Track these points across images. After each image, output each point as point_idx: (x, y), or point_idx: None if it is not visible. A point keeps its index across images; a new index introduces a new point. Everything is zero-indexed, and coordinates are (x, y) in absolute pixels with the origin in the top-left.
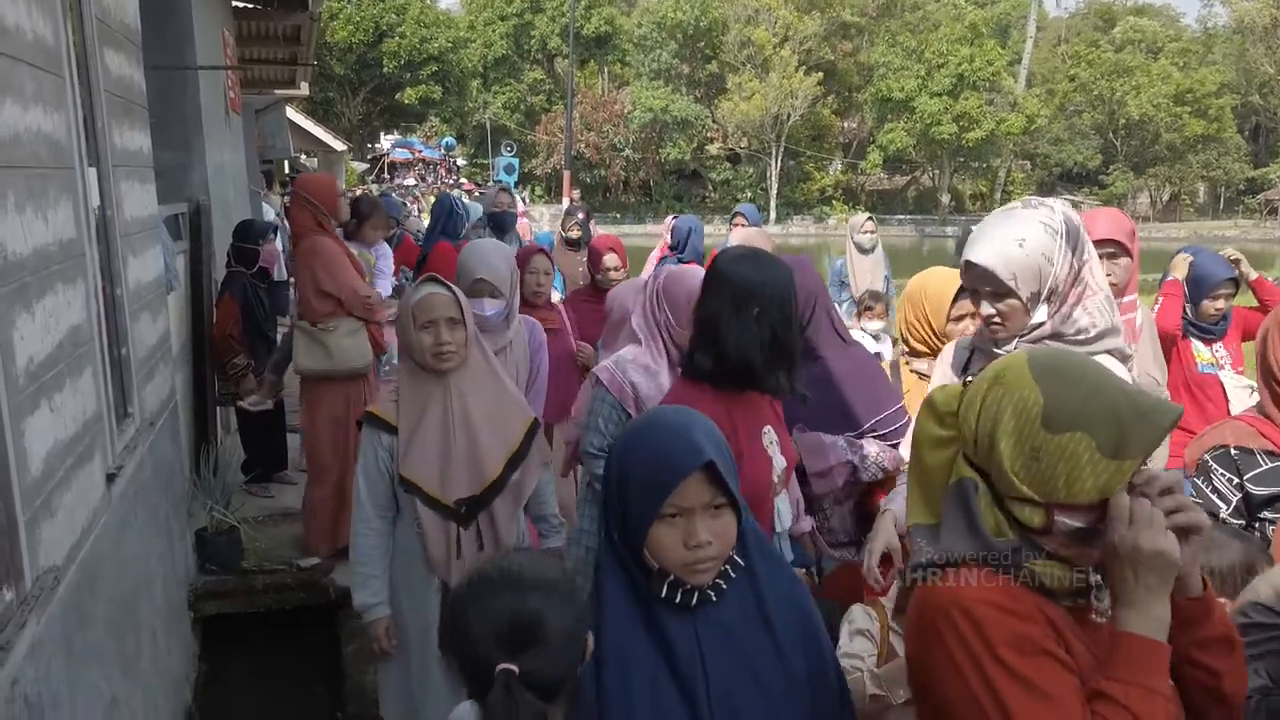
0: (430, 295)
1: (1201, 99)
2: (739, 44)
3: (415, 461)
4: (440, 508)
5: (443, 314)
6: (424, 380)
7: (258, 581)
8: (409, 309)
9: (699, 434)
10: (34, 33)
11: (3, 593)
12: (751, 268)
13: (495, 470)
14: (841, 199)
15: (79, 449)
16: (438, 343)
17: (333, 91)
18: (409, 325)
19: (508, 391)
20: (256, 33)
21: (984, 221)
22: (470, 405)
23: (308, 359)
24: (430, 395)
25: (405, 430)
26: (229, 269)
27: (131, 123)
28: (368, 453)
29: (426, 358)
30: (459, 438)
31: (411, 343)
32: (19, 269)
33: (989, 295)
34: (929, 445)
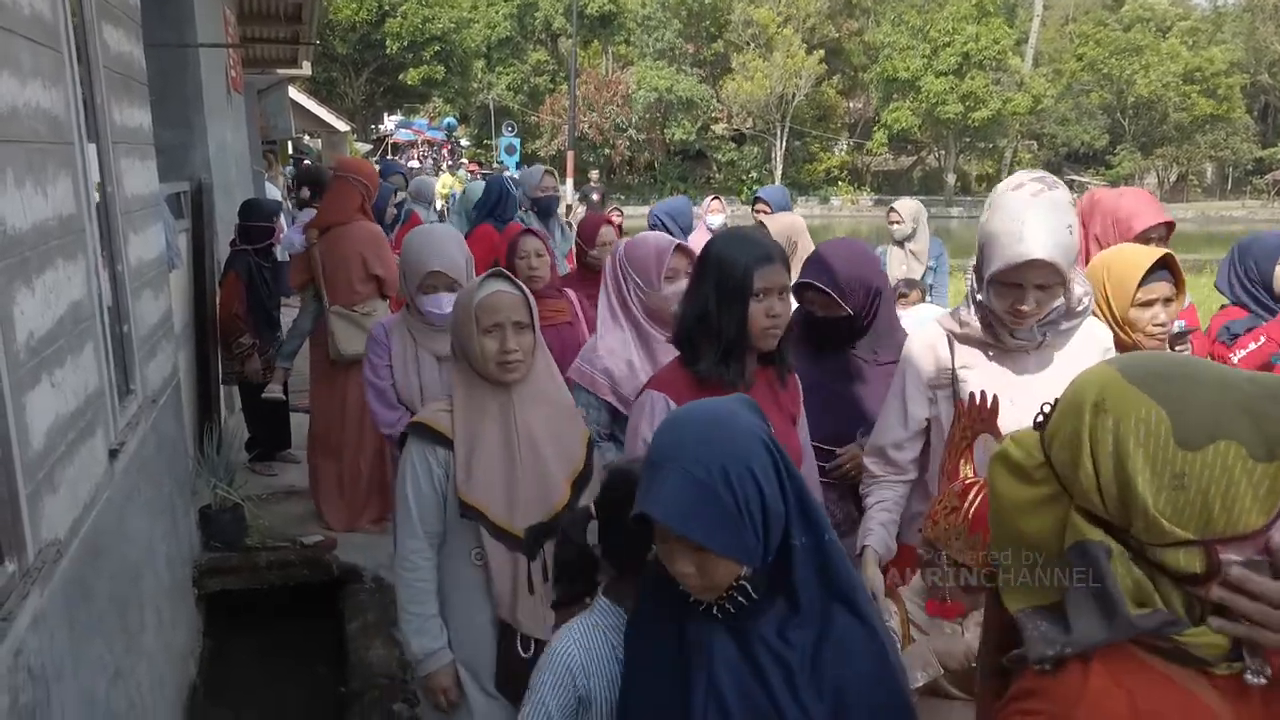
0: (496, 294)
1: (1210, 78)
2: (743, 23)
3: (478, 484)
4: (507, 537)
5: (510, 316)
6: (482, 390)
7: (261, 558)
8: (470, 308)
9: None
10: (31, 6)
11: (5, 564)
12: (719, 241)
13: (563, 494)
14: (847, 180)
15: (81, 424)
16: (504, 350)
17: (336, 71)
18: (469, 327)
19: (567, 403)
20: (258, 10)
21: (1020, 212)
22: (534, 420)
23: (350, 344)
24: (490, 408)
25: (463, 446)
26: (234, 247)
27: (131, 100)
28: (419, 469)
29: (490, 366)
30: (525, 457)
31: (471, 348)
32: (18, 244)
33: (1040, 289)
34: (1024, 510)
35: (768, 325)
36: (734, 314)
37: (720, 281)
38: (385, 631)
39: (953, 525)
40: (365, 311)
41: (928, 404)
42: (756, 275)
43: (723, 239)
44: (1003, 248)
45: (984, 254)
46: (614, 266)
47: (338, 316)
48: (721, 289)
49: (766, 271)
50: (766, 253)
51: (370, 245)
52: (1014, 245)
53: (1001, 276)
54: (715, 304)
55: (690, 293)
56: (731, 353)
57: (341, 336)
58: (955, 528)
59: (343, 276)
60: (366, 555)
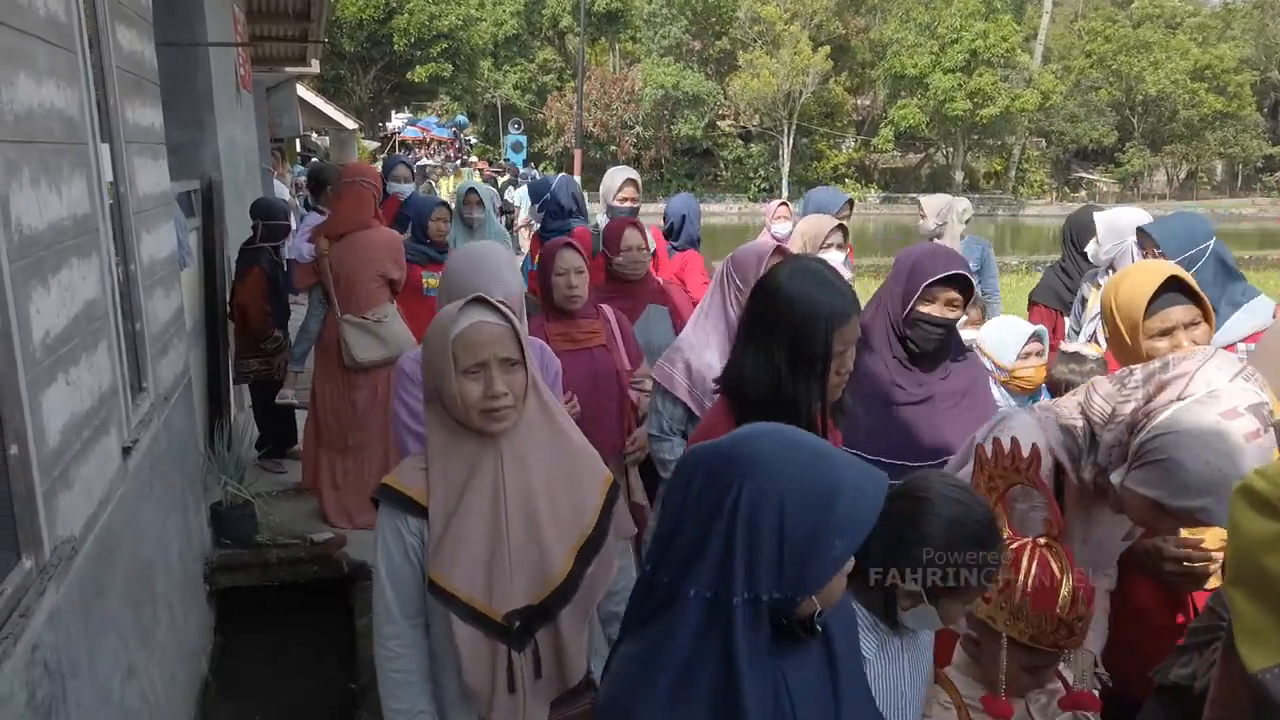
0: (478, 326)
1: (1220, 75)
2: (750, 20)
3: (452, 559)
4: (485, 623)
5: (496, 353)
6: (464, 442)
7: (272, 555)
8: (445, 344)
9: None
10: (46, 8)
11: (23, 561)
12: (789, 283)
13: (563, 566)
14: (854, 177)
15: (95, 422)
16: (489, 394)
17: (343, 69)
18: (445, 368)
19: (575, 446)
20: (267, 9)
21: (1226, 469)
22: (530, 477)
23: (366, 351)
24: (474, 464)
25: (439, 513)
26: (254, 245)
27: (143, 99)
28: (390, 542)
29: (472, 415)
30: (515, 525)
31: (448, 390)
32: (34, 243)
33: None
34: (1270, 547)
35: (837, 384)
36: (812, 386)
37: (796, 344)
38: None
39: (1008, 601)
40: (377, 318)
41: None
42: (837, 336)
43: (795, 279)
44: (1187, 491)
45: (1154, 469)
46: (722, 270)
47: (350, 325)
48: (798, 354)
49: (846, 330)
50: (847, 306)
51: (387, 251)
52: (1203, 499)
53: (1168, 508)
54: (790, 371)
55: (752, 342)
56: (809, 424)
57: (355, 344)
58: (1012, 604)
59: (358, 284)
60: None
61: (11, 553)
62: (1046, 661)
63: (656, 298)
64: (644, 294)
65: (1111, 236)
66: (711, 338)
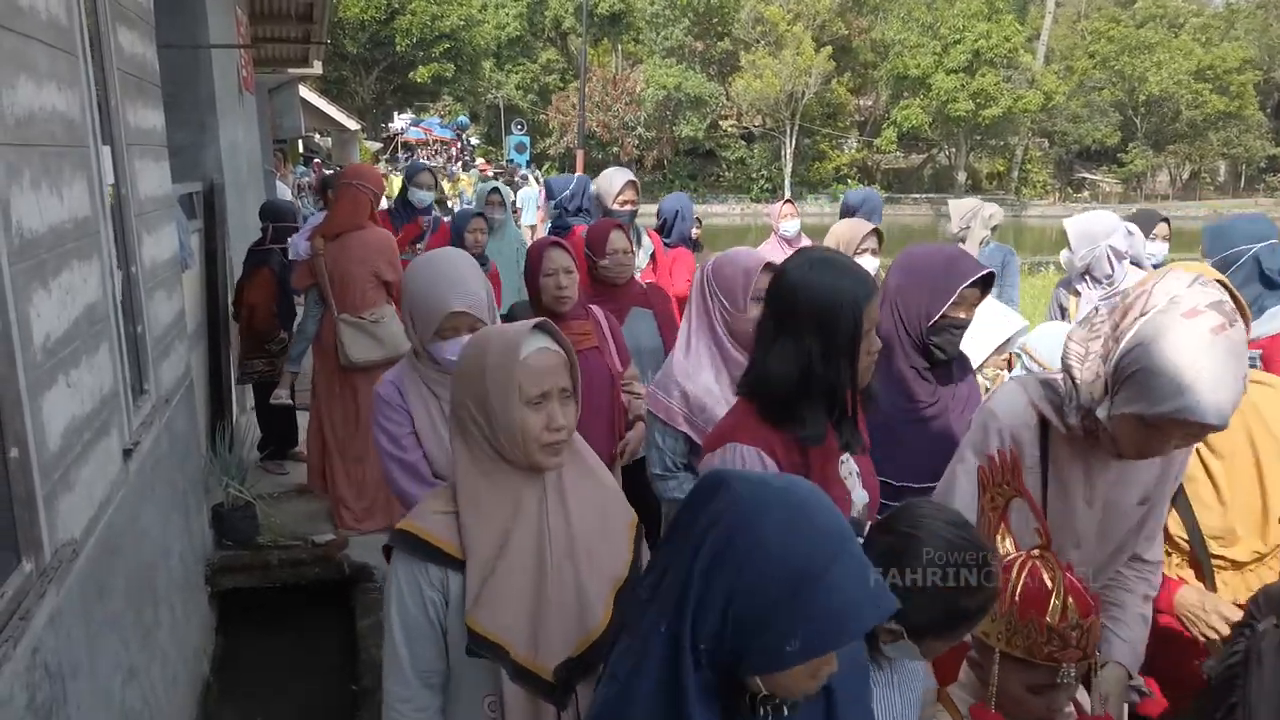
0: (543, 353)
1: (1223, 75)
2: (752, 20)
3: (498, 608)
4: (533, 680)
5: (557, 383)
6: (506, 479)
7: (273, 556)
8: (508, 371)
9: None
10: (47, 11)
11: (23, 564)
12: (807, 274)
13: (603, 614)
14: (857, 178)
15: (96, 424)
16: (553, 427)
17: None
18: (506, 396)
19: (605, 482)
20: (269, 10)
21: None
22: (572, 517)
23: (361, 352)
24: (518, 504)
25: (479, 561)
26: (263, 246)
27: (145, 101)
28: (408, 596)
29: (531, 450)
30: (561, 568)
31: (509, 425)
32: (35, 246)
33: (1188, 438)
34: None
35: (868, 364)
36: (846, 368)
37: (824, 328)
38: None
39: (999, 612)
40: (374, 319)
41: None
42: (865, 315)
43: (811, 269)
44: (1167, 394)
45: (1131, 383)
46: (700, 283)
47: (346, 325)
48: (828, 338)
49: (870, 308)
50: (868, 288)
51: (382, 252)
52: (1183, 398)
53: (1153, 421)
54: (821, 357)
55: (775, 337)
56: (843, 411)
57: (350, 344)
58: (1000, 614)
59: (352, 283)
60: (377, 555)
61: (12, 555)
62: (1047, 680)
63: (640, 300)
64: (628, 297)
65: (1084, 243)
66: (703, 358)
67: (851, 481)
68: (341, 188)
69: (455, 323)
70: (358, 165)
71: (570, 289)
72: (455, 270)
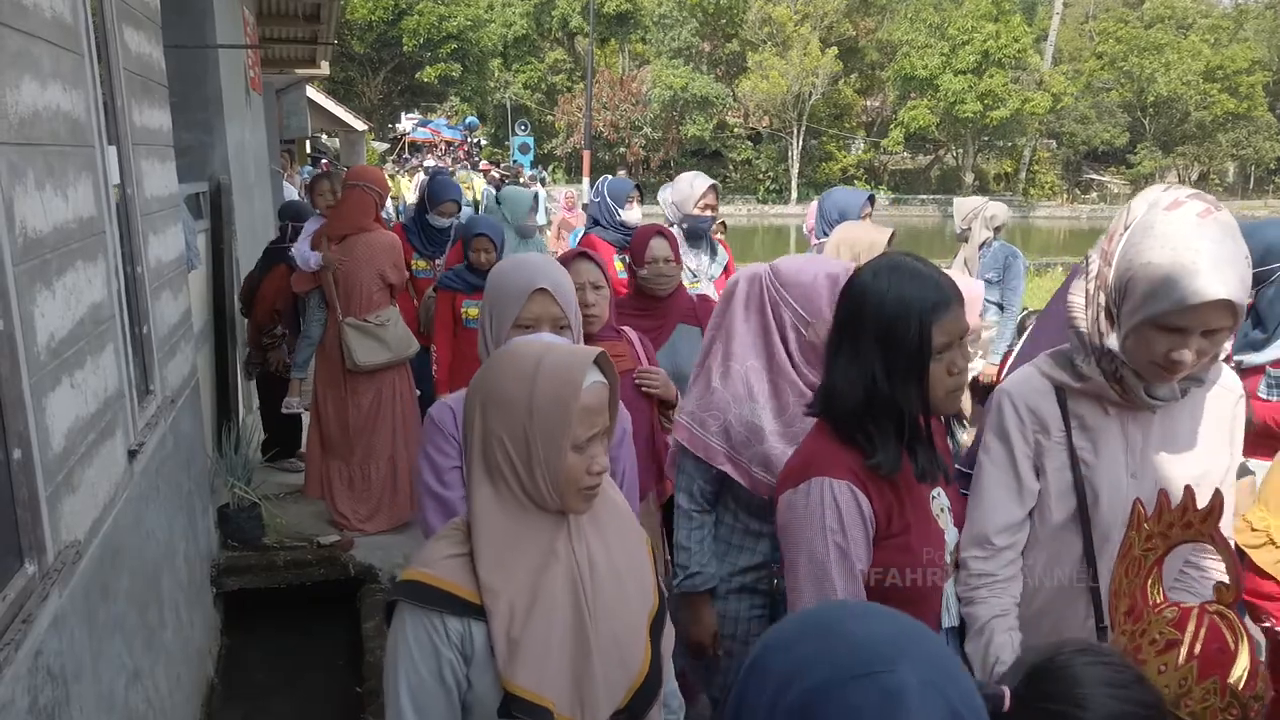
0: (598, 389)
1: (1232, 76)
2: (759, 21)
3: (537, 665)
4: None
5: (604, 422)
6: (534, 521)
7: (279, 557)
8: (564, 408)
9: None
10: (52, 10)
11: (25, 566)
12: (874, 281)
13: (644, 655)
14: (864, 179)
15: (100, 425)
16: (594, 471)
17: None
18: (558, 436)
19: (619, 506)
20: (277, 11)
21: (1190, 239)
22: (599, 556)
23: (368, 354)
24: (548, 549)
25: (506, 611)
26: (280, 244)
27: (151, 101)
28: (417, 654)
29: (569, 494)
30: (598, 613)
31: (554, 464)
32: (39, 246)
33: (1207, 334)
34: None
35: (951, 386)
36: (910, 388)
37: (887, 341)
38: None
39: (1173, 668)
40: (379, 321)
41: (1035, 473)
42: (936, 329)
43: (880, 280)
44: (1169, 283)
45: (1132, 290)
46: (760, 293)
47: (352, 328)
48: (891, 353)
49: (947, 321)
50: (942, 294)
51: (388, 254)
52: (1187, 281)
53: (1164, 319)
54: (884, 373)
55: (840, 351)
56: (915, 436)
57: (357, 347)
58: (1176, 670)
59: (358, 287)
60: (383, 555)
61: (15, 558)
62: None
63: (688, 315)
64: (674, 312)
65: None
66: (752, 383)
67: (945, 519)
68: (347, 189)
69: (537, 310)
70: (361, 166)
71: (599, 306)
72: (543, 260)
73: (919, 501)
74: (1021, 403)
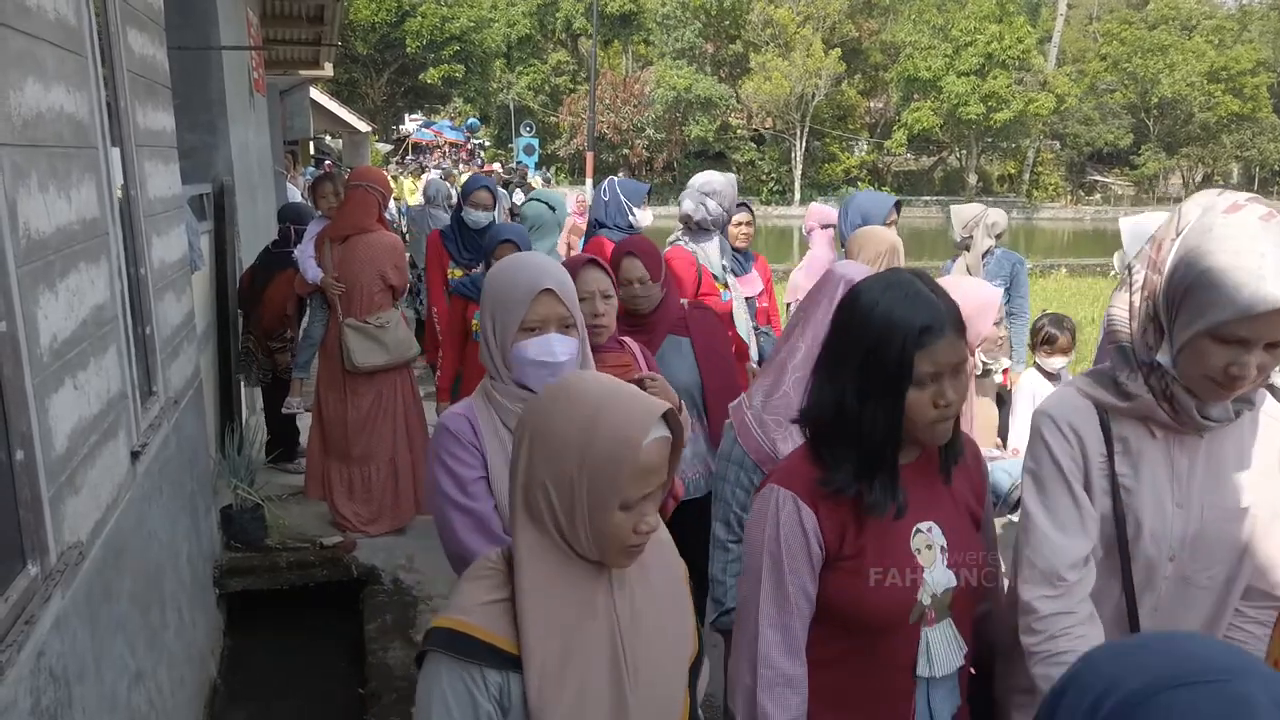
0: (656, 446)
1: (1236, 77)
2: (762, 23)
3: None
4: None
5: (660, 480)
6: (574, 572)
7: (281, 558)
8: (619, 470)
9: None
10: (56, 12)
11: (28, 567)
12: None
13: (683, 705)
14: (867, 180)
15: (103, 426)
16: (642, 530)
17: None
18: (608, 494)
19: (664, 537)
20: (280, 12)
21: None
22: (638, 600)
23: (367, 356)
24: (588, 601)
25: (542, 665)
26: (280, 248)
27: (155, 103)
28: (458, 706)
29: (610, 550)
30: (638, 665)
31: (599, 521)
32: (42, 248)
33: (1271, 347)
34: None
35: (935, 418)
36: (881, 413)
37: (866, 362)
38: (404, 634)
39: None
40: (379, 323)
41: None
42: (921, 356)
43: (873, 290)
44: (1232, 290)
45: (1188, 299)
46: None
47: (351, 329)
48: (867, 375)
49: (937, 348)
50: (936, 319)
51: (390, 255)
52: (1253, 287)
53: (1225, 329)
54: (856, 394)
55: (824, 364)
56: (876, 465)
57: (356, 349)
58: None
59: (359, 288)
60: (385, 556)
61: (17, 559)
62: None
63: (677, 327)
64: (662, 323)
65: (1138, 244)
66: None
67: (929, 556)
68: (350, 190)
69: (544, 311)
70: (364, 167)
71: (608, 316)
72: (543, 259)
73: (886, 530)
74: (1064, 423)
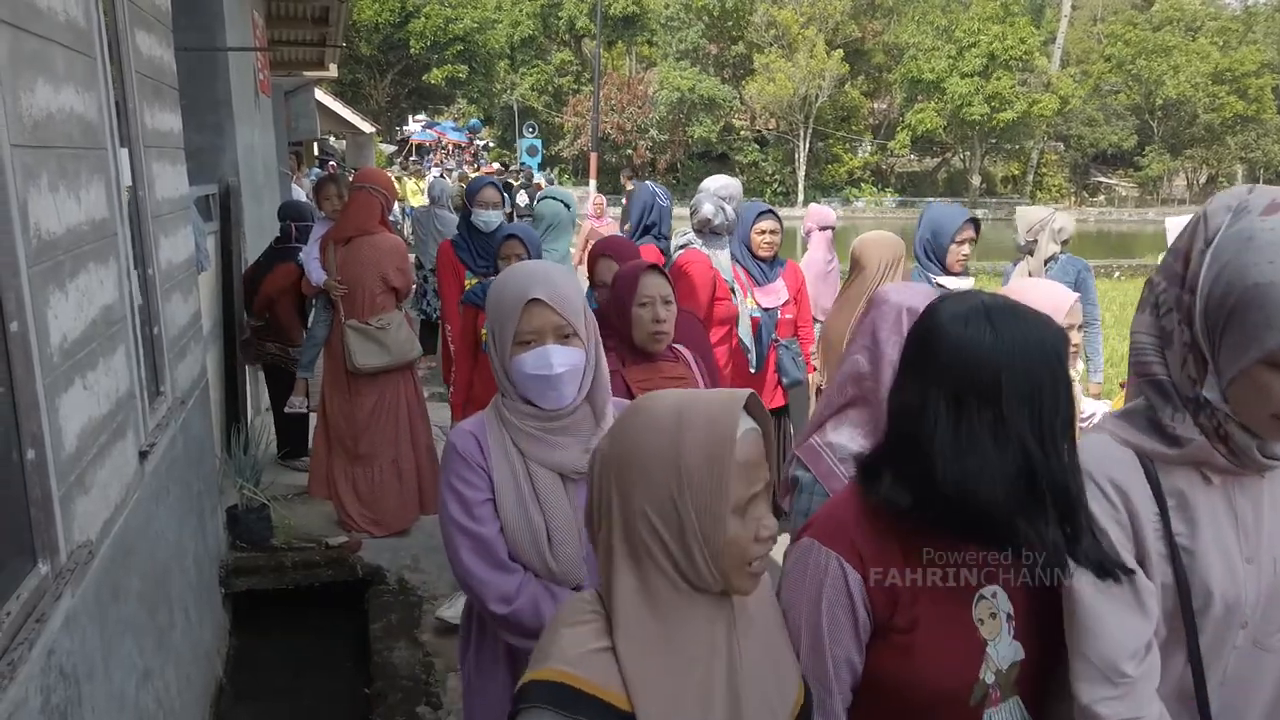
0: (750, 438)
1: (1241, 78)
2: (765, 24)
3: None
4: None
5: (765, 477)
6: (694, 612)
7: (287, 558)
8: (722, 463)
9: None
10: (66, 13)
11: (39, 566)
12: (985, 329)
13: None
14: (871, 181)
15: (112, 426)
16: (764, 538)
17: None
18: (715, 498)
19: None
20: (285, 14)
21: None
22: (755, 647)
23: (368, 357)
24: (710, 643)
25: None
26: (284, 244)
27: (162, 104)
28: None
29: (735, 573)
30: (759, 711)
31: (714, 535)
32: (52, 248)
33: None
34: None
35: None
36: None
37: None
38: (409, 633)
39: None
40: (381, 325)
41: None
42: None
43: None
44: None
45: (1235, 321)
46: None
47: (353, 330)
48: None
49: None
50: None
51: (392, 257)
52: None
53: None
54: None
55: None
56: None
57: (357, 350)
58: None
59: (361, 289)
60: (390, 557)
61: (28, 558)
62: None
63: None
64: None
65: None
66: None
67: (992, 626)
68: (354, 191)
69: (536, 322)
70: (368, 169)
71: (669, 323)
72: (540, 266)
73: (944, 597)
74: (1106, 481)
